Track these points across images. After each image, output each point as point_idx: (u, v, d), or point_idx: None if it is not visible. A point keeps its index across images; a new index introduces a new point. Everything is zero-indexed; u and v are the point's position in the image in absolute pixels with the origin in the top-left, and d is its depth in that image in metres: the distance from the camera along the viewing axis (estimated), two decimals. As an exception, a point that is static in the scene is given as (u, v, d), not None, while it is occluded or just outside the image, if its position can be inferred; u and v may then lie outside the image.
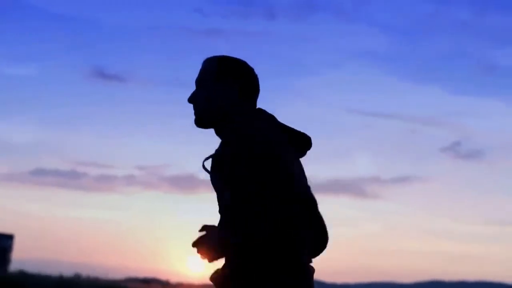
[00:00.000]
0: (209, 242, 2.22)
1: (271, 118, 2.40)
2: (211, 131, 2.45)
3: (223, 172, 2.26)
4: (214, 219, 2.38)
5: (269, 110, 2.46)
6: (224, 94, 2.40)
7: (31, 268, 25.02)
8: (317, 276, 2.35)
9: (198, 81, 2.47)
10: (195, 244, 2.25)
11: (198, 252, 2.25)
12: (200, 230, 2.27)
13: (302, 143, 2.43)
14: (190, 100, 2.46)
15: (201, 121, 2.44)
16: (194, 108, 2.45)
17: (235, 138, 2.28)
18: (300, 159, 2.44)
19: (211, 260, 2.26)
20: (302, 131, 2.43)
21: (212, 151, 2.36)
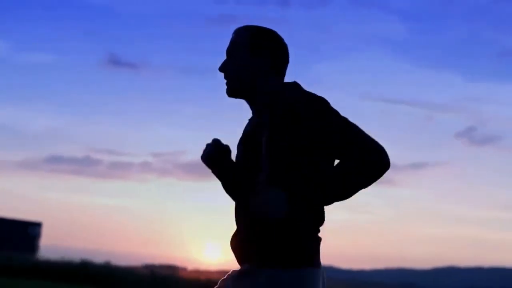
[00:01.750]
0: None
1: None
2: (229, 117, 2.62)
3: (281, 138, 2.30)
4: (229, 205, 2.46)
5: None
6: (256, 64, 2.43)
7: (58, 255, 24.56)
8: (333, 262, 1.93)
9: (229, 51, 2.49)
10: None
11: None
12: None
13: None
14: (221, 69, 2.49)
15: (233, 90, 2.46)
16: (225, 77, 2.48)
17: (286, 103, 2.32)
18: None
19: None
20: None
21: (228, 138, 2.48)
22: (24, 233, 37.68)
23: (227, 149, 2.46)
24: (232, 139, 2.51)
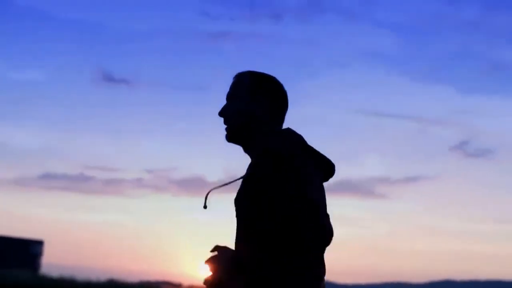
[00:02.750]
0: (219, 263, 2.21)
1: (300, 139, 2.37)
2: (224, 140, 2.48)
3: (251, 190, 2.24)
4: (223, 221, 2.36)
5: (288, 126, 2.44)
6: (257, 109, 2.40)
7: (61, 272, 25.96)
8: (328, 277, 2.32)
9: (230, 95, 2.47)
10: (206, 262, 2.25)
11: (209, 270, 2.25)
12: (212, 251, 2.26)
13: (327, 169, 2.40)
14: (221, 113, 2.46)
15: (233, 135, 2.43)
16: (225, 122, 2.45)
17: (263, 155, 2.27)
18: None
19: (217, 280, 2.22)
20: (326, 156, 2.40)
21: (221, 156, 2.80)
22: (26, 251, 37.64)
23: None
24: (226, 155, 2.64)
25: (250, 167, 2.34)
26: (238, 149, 2.49)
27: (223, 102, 2.51)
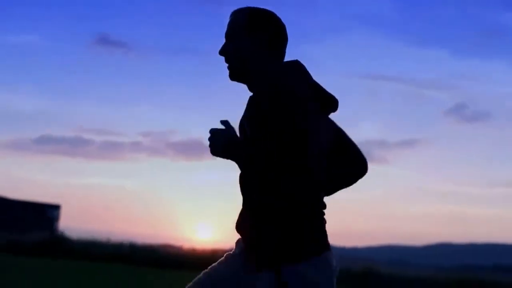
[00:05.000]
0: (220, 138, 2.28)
1: (305, 73, 2.37)
2: (218, 99, 2.99)
3: (261, 119, 2.26)
4: (222, 185, 3.12)
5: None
6: (255, 45, 2.41)
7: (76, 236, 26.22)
8: None
9: (228, 34, 2.46)
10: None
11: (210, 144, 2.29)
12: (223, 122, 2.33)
13: (328, 103, 2.41)
14: (221, 52, 2.46)
15: (235, 73, 2.44)
16: (226, 61, 2.45)
17: (267, 89, 2.27)
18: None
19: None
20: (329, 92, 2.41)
21: (216, 117, 2.38)
22: (43, 215, 38.33)
23: (234, 133, 2.32)
24: (225, 117, 2.38)
25: (256, 102, 2.35)
26: (236, 110, 2.48)
27: (222, 66, 2.49)
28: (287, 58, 2.46)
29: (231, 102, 2.79)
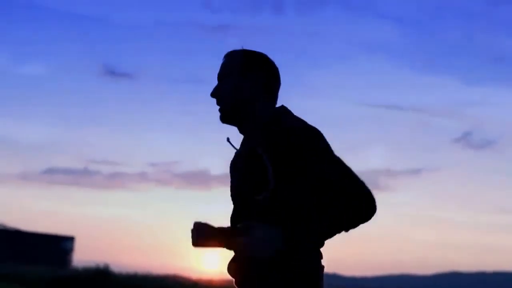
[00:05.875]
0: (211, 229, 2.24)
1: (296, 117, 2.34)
2: (226, 129, 2.43)
3: (276, 165, 2.21)
4: (229, 215, 2.35)
5: (279, 104, 2.41)
6: (250, 87, 2.35)
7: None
8: (335, 270, 4.84)
9: (223, 75, 2.41)
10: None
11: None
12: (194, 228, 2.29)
13: None
14: (213, 94, 2.40)
15: (227, 116, 2.38)
16: (218, 103, 2.39)
17: (283, 130, 2.23)
18: None
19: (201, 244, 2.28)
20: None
21: (225, 149, 2.36)
22: (57, 247, 38.31)
23: (209, 228, 2.25)
24: (230, 148, 2.41)
25: (251, 146, 2.31)
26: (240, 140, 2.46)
27: None
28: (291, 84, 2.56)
29: (236, 132, 2.44)
